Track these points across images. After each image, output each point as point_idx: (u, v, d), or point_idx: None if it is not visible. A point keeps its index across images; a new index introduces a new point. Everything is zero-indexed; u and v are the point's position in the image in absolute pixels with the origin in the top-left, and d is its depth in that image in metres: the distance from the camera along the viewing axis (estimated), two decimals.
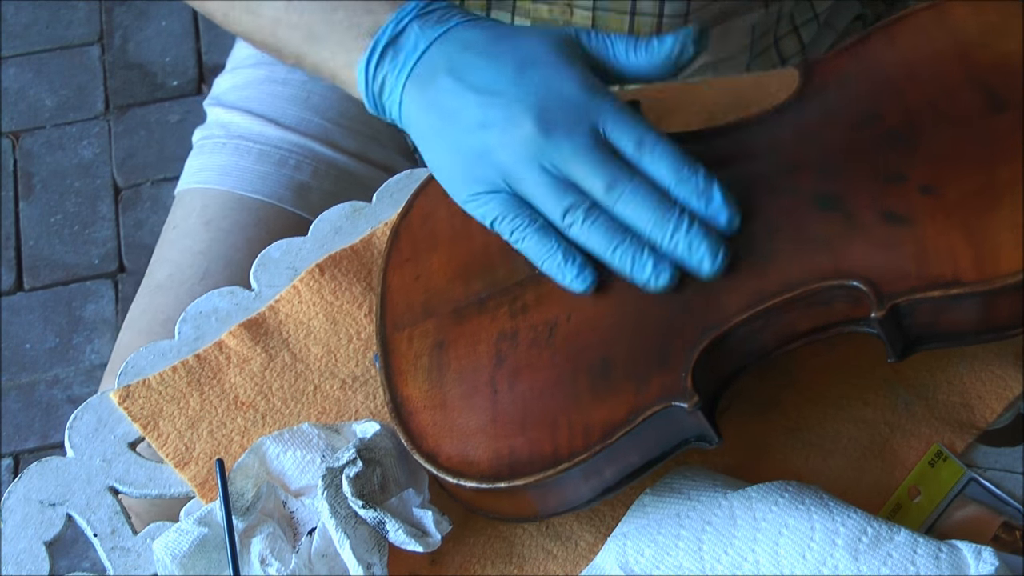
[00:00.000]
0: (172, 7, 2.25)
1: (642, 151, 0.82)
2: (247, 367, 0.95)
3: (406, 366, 0.87)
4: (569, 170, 0.82)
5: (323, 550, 0.83)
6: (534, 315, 0.85)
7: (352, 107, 1.21)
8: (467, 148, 0.84)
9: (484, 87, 0.84)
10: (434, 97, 0.85)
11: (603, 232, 0.82)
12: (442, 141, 0.85)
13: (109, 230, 2.08)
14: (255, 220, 1.16)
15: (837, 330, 0.82)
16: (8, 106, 2.19)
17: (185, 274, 1.14)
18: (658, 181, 0.82)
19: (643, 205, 0.81)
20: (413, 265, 0.91)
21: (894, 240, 0.80)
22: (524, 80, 0.83)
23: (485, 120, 0.83)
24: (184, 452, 0.92)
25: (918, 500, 0.87)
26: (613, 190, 0.81)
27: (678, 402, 0.79)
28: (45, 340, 2.00)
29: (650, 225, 0.81)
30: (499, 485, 0.81)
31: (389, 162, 1.21)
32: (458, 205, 0.88)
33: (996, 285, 0.77)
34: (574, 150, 0.81)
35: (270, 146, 1.19)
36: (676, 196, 0.82)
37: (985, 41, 0.86)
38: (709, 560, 0.81)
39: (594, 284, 0.83)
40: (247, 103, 1.21)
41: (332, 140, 1.20)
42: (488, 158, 0.83)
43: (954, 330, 0.81)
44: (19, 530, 0.91)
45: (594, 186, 0.82)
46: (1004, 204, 0.79)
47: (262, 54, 1.23)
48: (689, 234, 0.81)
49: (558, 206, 0.82)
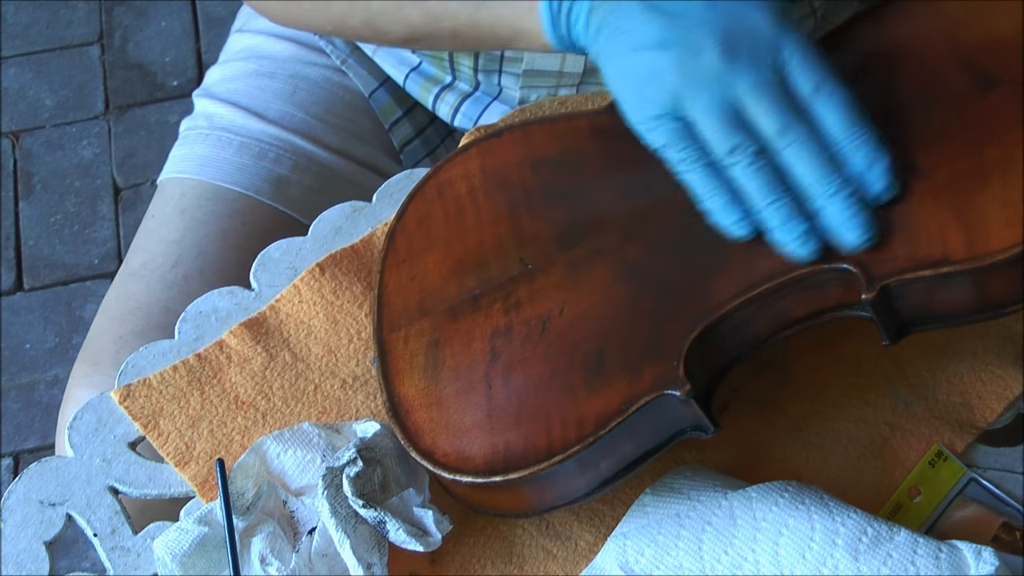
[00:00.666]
0: (172, 7, 2.25)
1: (819, 95, 0.80)
2: (248, 366, 0.95)
3: (403, 365, 0.87)
4: (744, 103, 0.80)
5: (323, 549, 0.84)
6: (527, 310, 0.85)
7: (337, 104, 1.21)
8: (643, 69, 0.82)
9: (670, 9, 0.82)
10: (618, 18, 0.83)
11: (765, 180, 0.80)
12: (620, 61, 0.83)
13: (109, 230, 2.08)
14: (230, 211, 1.16)
15: (831, 315, 0.82)
16: (8, 106, 2.19)
17: (157, 262, 1.14)
18: (828, 130, 0.80)
19: (810, 158, 0.79)
20: (409, 266, 0.91)
21: (883, 221, 0.80)
22: (711, 5, 0.81)
23: (665, 40, 0.81)
24: (184, 451, 0.92)
25: (918, 500, 0.87)
26: (784, 135, 0.79)
27: (671, 390, 0.79)
28: (45, 340, 2.00)
29: (812, 181, 0.79)
30: (494, 479, 0.81)
31: (372, 160, 1.22)
32: (455, 203, 0.88)
33: (986, 263, 0.77)
34: (754, 83, 0.79)
35: (251, 139, 1.19)
36: (842, 150, 0.80)
37: (972, 21, 0.86)
38: (709, 560, 0.81)
39: (751, 235, 0.81)
40: (233, 95, 1.21)
41: (314, 135, 1.20)
42: (661, 80, 0.81)
43: (947, 310, 0.81)
44: (19, 530, 0.91)
45: (766, 126, 0.80)
46: (993, 182, 0.79)
47: (254, 48, 1.23)
48: (848, 200, 0.79)
49: (726, 141, 0.80)
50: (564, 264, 0.86)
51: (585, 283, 0.85)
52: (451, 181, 0.93)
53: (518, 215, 0.89)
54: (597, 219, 0.87)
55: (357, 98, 1.22)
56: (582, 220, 0.87)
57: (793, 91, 0.80)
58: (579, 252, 0.86)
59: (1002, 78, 0.83)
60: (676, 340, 0.80)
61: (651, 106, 0.81)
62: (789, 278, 0.80)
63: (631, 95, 0.83)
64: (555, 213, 0.88)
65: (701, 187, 0.82)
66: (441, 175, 0.94)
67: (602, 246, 0.85)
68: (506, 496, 0.84)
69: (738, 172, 0.80)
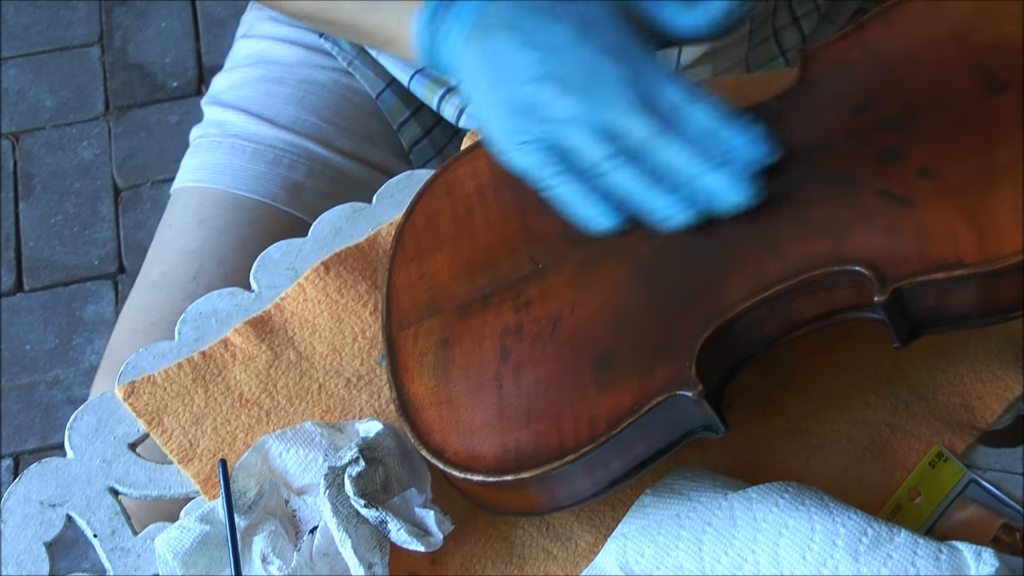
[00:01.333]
0: (172, 7, 2.25)
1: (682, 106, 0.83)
2: (252, 364, 0.95)
3: (412, 363, 0.87)
4: (616, 124, 0.84)
5: (325, 549, 0.84)
6: (538, 309, 0.85)
7: (347, 107, 1.21)
8: (520, 100, 0.86)
9: (545, 44, 0.86)
10: (493, 51, 0.87)
11: (641, 174, 0.83)
12: (495, 92, 0.87)
13: (109, 231, 2.08)
14: (249, 219, 1.16)
15: (841, 316, 0.82)
16: (8, 107, 2.19)
17: (178, 272, 1.14)
18: (696, 127, 0.83)
19: (680, 149, 0.83)
20: (418, 264, 0.91)
21: (895, 223, 0.80)
22: (585, 39, 0.85)
23: (541, 75, 0.85)
24: (188, 449, 0.92)
25: (918, 501, 0.87)
26: (657, 139, 0.83)
27: (683, 391, 0.79)
28: (45, 341, 2.00)
29: (690, 164, 0.82)
30: (506, 478, 0.81)
31: (383, 162, 1.22)
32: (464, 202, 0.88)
33: (998, 266, 0.77)
34: (626, 107, 0.83)
35: (265, 145, 1.19)
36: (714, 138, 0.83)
37: (981, 23, 0.86)
38: (709, 561, 0.81)
39: (621, 224, 0.85)
40: (243, 102, 1.21)
41: (327, 139, 1.20)
42: (540, 111, 0.85)
43: (958, 313, 0.81)
44: (19, 531, 0.91)
45: (639, 136, 0.83)
46: (1003, 185, 0.79)
47: (260, 53, 1.23)
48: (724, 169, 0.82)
49: (598, 154, 0.84)
50: (575, 263, 0.86)
51: (596, 282, 0.85)
52: (459, 180, 0.93)
53: (527, 214, 0.89)
54: None
55: (365, 100, 1.22)
56: None
57: (659, 107, 0.83)
58: (589, 251, 0.86)
59: (1010, 81, 0.83)
60: (688, 340, 0.80)
61: (523, 134, 0.86)
62: (801, 280, 0.80)
63: (503, 123, 0.87)
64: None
65: (572, 197, 0.85)
66: (449, 174, 0.94)
67: (612, 246, 0.85)
68: (516, 495, 0.84)
69: (616, 175, 0.84)
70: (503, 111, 0.87)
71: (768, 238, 0.82)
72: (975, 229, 0.78)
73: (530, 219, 0.89)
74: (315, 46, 1.23)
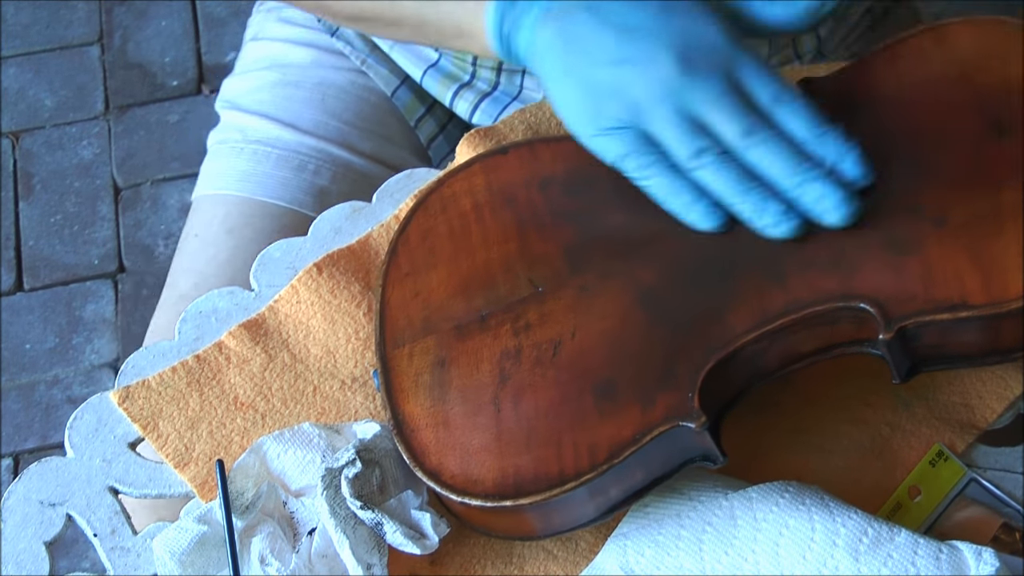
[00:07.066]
0: (172, 7, 2.25)
1: (779, 104, 0.81)
2: (247, 367, 0.95)
3: (407, 383, 0.86)
4: (705, 113, 0.81)
5: (323, 550, 0.83)
6: (537, 333, 0.84)
7: (365, 107, 1.20)
8: (600, 83, 0.83)
9: (624, 24, 0.83)
10: (570, 33, 0.85)
11: (734, 177, 0.81)
12: (573, 76, 0.85)
13: (109, 230, 2.08)
14: (279, 227, 1.15)
15: (841, 351, 0.82)
16: (8, 106, 2.19)
17: (211, 283, 1.11)
18: (793, 132, 0.81)
19: (778, 154, 0.81)
20: (412, 281, 0.90)
21: (901, 262, 0.80)
22: (665, 20, 0.83)
23: (623, 56, 0.83)
24: (184, 453, 0.92)
25: (918, 500, 0.87)
26: (749, 137, 0.81)
27: (685, 422, 0.79)
28: (45, 340, 1.99)
29: (783, 173, 0.81)
30: (504, 504, 0.81)
31: (402, 163, 1.20)
32: (460, 219, 0.88)
33: (1003, 309, 0.77)
34: (713, 93, 0.81)
35: (288, 151, 1.18)
36: (809, 147, 0.81)
37: (986, 64, 0.86)
38: (710, 561, 0.81)
39: (724, 225, 0.83)
40: (262, 106, 1.20)
41: (349, 143, 1.19)
42: (621, 94, 0.82)
43: (960, 352, 0.81)
44: (19, 530, 0.91)
45: (729, 131, 0.81)
46: (1008, 228, 0.79)
47: (273, 56, 1.22)
48: (822, 183, 0.80)
49: (690, 147, 0.81)
50: (575, 287, 0.85)
51: (597, 307, 0.84)
52: (455, 196, 0.92)
53: (527, 234, 0.88)
54: (608, 242, 0.86)
55: (381, 99, 1.21)
56: (592, 242, 0.87)
57: (753, 100, 0.81)
58: (590, 275, 0.85)
59: (1015, 125, 0.83)
60: (690, 371, 0.80)
61: (608, 119, 0.83)
62: (805, 314, 0.80)
63: (586, 109, 0.84)
64: (564, 234, 0.87)
65: (665, 190, 0.83)
66: (445, 189, 0.93)
67: (613, 270, 0.85)
68: (512, 519, 0.83)
69: (704, 173, 0.82)
70: (581, 94, 0.84)
71: (774, 270, 0.81)
72: (981, 271, 0.78)
73: (529, 240, 0.88)
74: (327, 47, 1.21)
